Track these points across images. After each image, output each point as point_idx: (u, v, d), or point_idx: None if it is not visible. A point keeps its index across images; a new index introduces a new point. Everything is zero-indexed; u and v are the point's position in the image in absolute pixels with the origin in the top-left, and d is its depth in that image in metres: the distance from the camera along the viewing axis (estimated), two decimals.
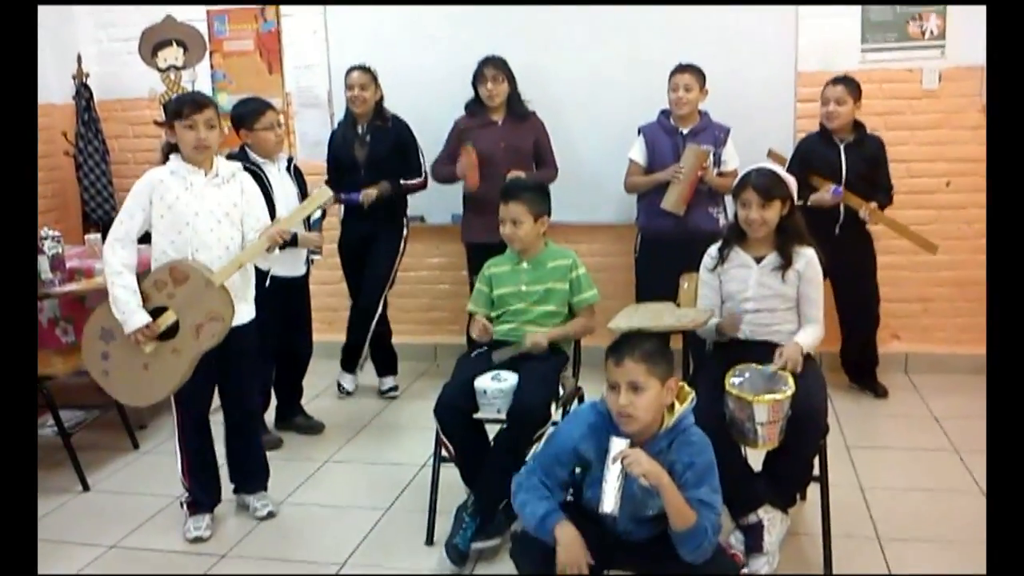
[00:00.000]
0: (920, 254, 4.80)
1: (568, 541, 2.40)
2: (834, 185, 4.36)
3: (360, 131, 4.68)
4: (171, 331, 3.17)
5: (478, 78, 4.60)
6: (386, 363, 5.04)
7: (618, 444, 2.38)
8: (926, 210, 4.86)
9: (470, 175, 4.51)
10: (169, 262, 3.17)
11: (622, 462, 2.35)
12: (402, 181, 4.70)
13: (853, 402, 4.58)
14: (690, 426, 2.49)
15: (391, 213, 4.76)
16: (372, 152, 4.64)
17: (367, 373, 5.09)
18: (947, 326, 4.99)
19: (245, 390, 3.53)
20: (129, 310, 3.12)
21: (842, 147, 4.45)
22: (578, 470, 2.53)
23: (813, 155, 4.43)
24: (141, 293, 3.15)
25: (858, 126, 4.49)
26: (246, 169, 3.48)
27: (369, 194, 4.58)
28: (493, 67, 4.57)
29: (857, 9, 4.80)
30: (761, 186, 3.07)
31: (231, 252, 3.24)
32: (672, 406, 2.50)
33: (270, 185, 3.95)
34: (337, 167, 4.72)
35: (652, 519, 2.46)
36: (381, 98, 4.70)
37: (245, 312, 3.36)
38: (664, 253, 4.28)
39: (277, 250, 3.34)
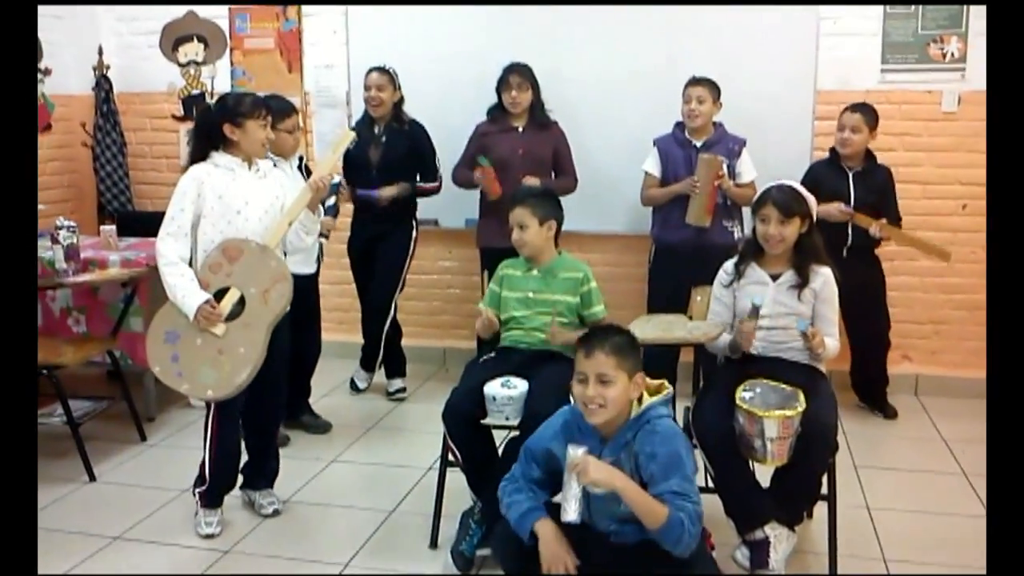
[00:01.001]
0: (932, 276, 4.82)
1: (549, 538, 2.42)
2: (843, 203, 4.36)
3: (376, 132, 4.69)
4: (237, 311, 3.18)
5: (503, 84, 4.60)
6: (395, 365, 5.04)
7: (573, 452, 2.39)
8: (941, 232, 4.83)
9: (491, 189, 4.52)
10: (220, 243, 3.21)
11: (574, 471, 2.36)
12: (418, 183, 4.71)
13: (862, 422, 4.56)
14: (657, 417, 2.48)
15: (401, 215, 4.77)
16: (386, 154, 4.65)
17: (377, 374, 5.09)
18: (958, 349, 4.97)
19: (276, 385, 3.54)
20: (188, 293, 3.14)
21: (851, 175, 4.44)
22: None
23: (822, 182, 4.35)
24: (201, 280, 3.18)
25: (869, 155, 4.48)
26: None
27: (388, 193, 4.58)
28: (518, 75, 4.57)
29: (878, 29, 4.79)
30: (781, 202, 3.07)
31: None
32: (641, 399, 2.50)
33: None
34: (350, 166, 4.73)
35: (636, 519, 2.43)
36: (400, 100, 4.71)
37: None
38: (678, 265, 4.28)
39: (322, 210, 3.43)
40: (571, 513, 2.39)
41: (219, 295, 3.18)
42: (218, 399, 3.26)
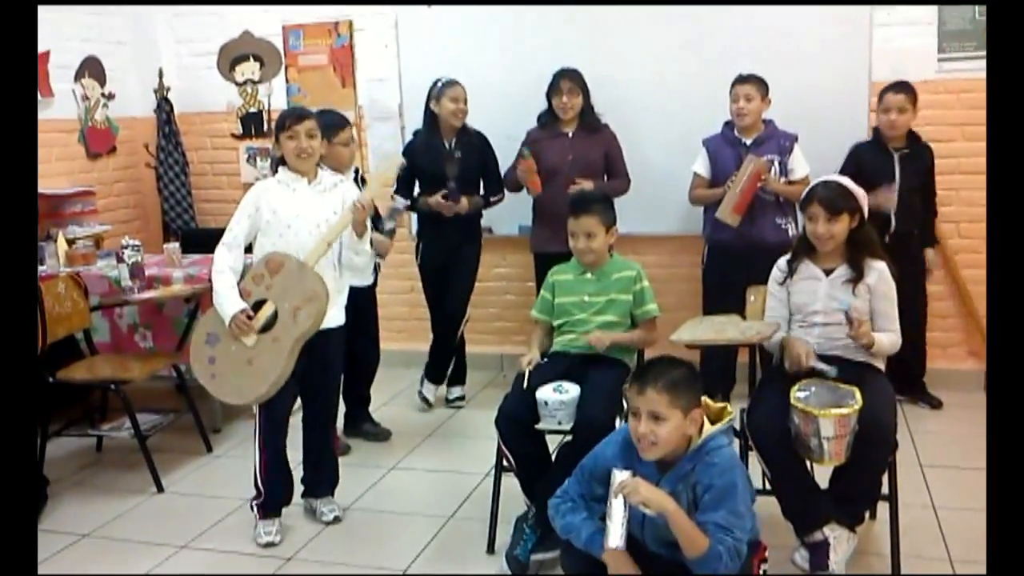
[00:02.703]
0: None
1: (619, 563, 2.40)
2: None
3: (449, 145, 4.69)
4: (272, 323, 3.26)
5: (553, 90, 4.59)
6: (455, 373, 5.07)
7: (619, 476, 2.35)
8: None
9: (530, 181, 4.53)
10: (265, 255, 3.30)
11: (622, 492, 2.33)
12: (490, 199, 4.77)
13: (928, 420, 4.47)
14: (716, 448, 2.42)
15: (471, 229, 4.83)
16: (464, 167, 4.66)
17: None
18: None
19: (330, 394, 3.63)
20: (227, 301, 3.25)
21: (897, 156, 4.37)
22: None
23: (867, 164, 4.31)
24: (243, 290, 3.29)
25: (912, 135, 4.41)
26: None
27: (462, 207, 4.61)
28: (569, 80, 4.56)
29: (933, 17, 4.68)
30: (827, 200, 3.04)
31: (328, 258, 3.37)
32: (702, 427, 2.45)
33: None
34: (427, 181, 4.70)
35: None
36: None
37: (337, 317, 3.48)
38: (731, 264, 4.24)
39: (368, 242, 3.43)
40: (616, 538, 2.33)
41: (260, 305, 3.26)
42: (238, 403, 3.40)
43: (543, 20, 5.13)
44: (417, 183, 4.76)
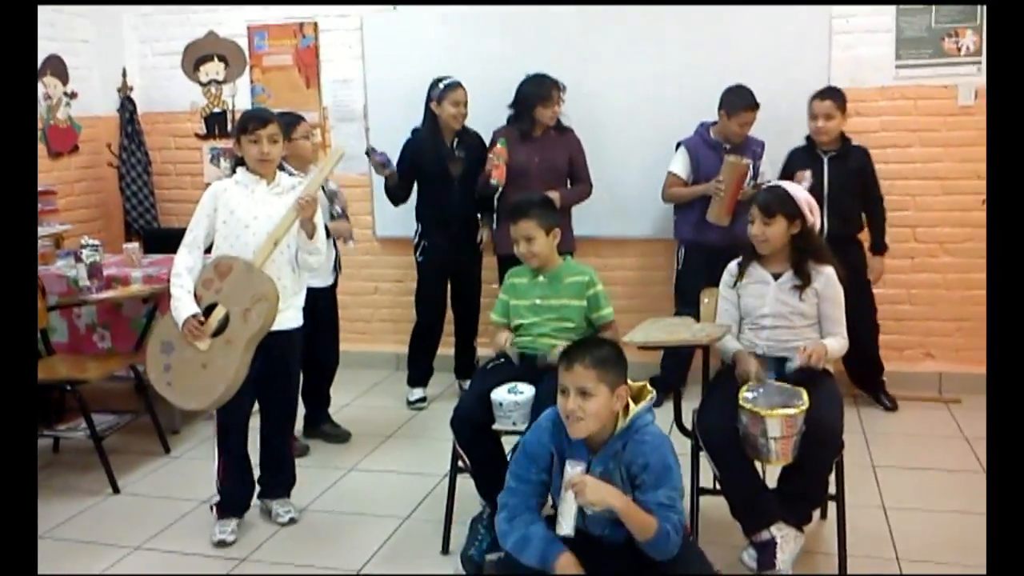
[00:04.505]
0: (954, 272, 4.80)
1: (570, 571, 2.40)
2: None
3: (451, 145, 4.71)
4: (224, 326, 3.26)
5: (545, 99, 4.58)
6: (421, 374, 5.07)
7: (571, 469, 2.40)
8: (962, 228, 4.79)
9: (497, 169, 4.48)
10: (213, 259, 3.30)
11: (572, 489, 2.37)
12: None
13: (883, 421, 4.53)
14: (644, 426, 2.47)
15: (476, 226, 4.92)
16: (467, 167, 4.69)
17: (398, 383, 5.15)
18: (981, 346, 4.90)
19: (287, 395, 3.64)
20: (181, 306, 3.26)
21: (826, 159, 4.46)
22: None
23: (797, 166, 4.45)
24: (196, 295, 3.28)
25: (843, 138, 4.51)
26: None
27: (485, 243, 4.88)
28: (557, 88, 4.61)
29: (891, 25, 4.76)
30: (762, 202, 3.12)
31: (285, 257, 3.37)
32: (627, 408, 2.49)
33: None
34: (423, 179, 4.74)
35: None
36: None
37: (293, 319, 3.48)
38: (712, 265, 4.25)
39: (320, 240, 3.40)
40: (567, 528, 2.39)
41: (209, 311, 3.26)
42: (200, 408, 3.41)
43: (509, 23, 5.16)
44: (416, 182, 4.81)
